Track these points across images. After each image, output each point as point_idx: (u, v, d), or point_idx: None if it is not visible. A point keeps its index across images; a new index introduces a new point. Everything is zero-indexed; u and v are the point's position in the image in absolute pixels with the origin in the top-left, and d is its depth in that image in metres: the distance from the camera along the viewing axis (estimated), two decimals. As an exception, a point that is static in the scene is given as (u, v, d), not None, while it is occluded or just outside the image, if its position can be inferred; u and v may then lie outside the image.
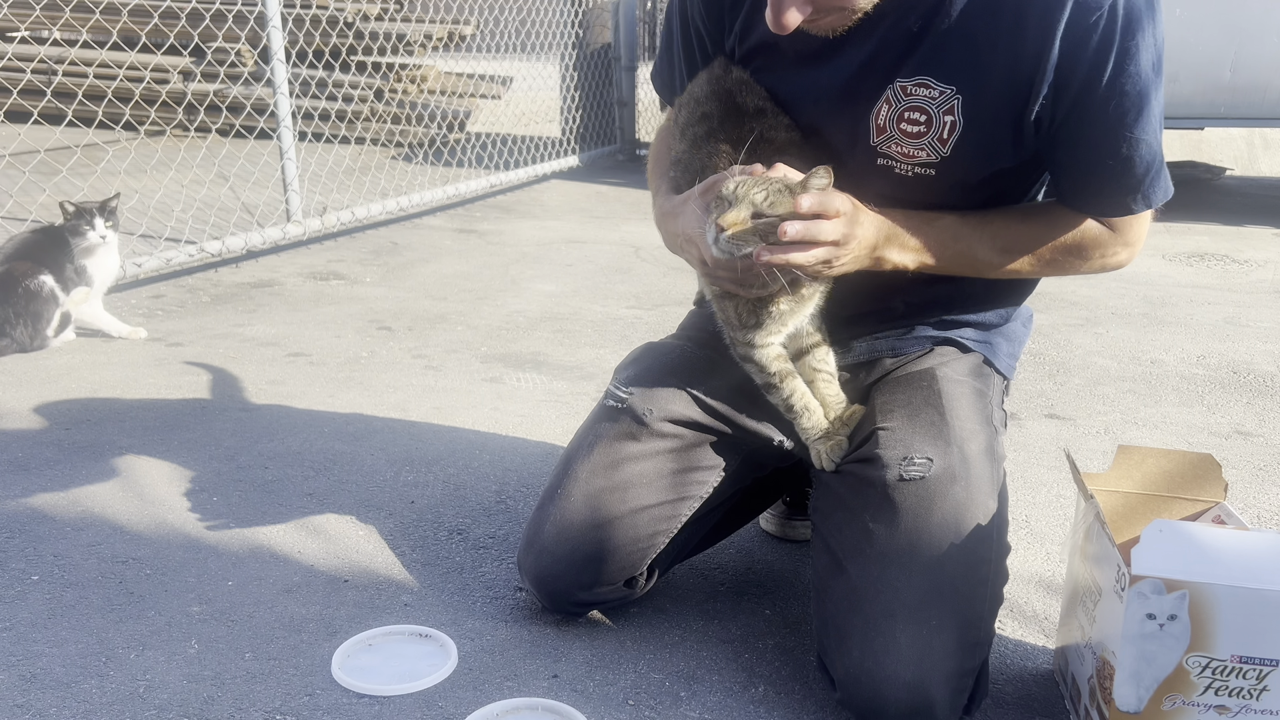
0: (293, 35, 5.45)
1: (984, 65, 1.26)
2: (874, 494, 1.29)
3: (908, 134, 1.31)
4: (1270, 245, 4.14)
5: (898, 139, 1.32)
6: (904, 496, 1.27)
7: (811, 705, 1.35)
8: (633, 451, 1.42)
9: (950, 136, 1.29)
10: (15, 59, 4.44)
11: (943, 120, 1.29)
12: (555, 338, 2.91)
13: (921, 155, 1.31)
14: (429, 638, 1.48)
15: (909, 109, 1.30)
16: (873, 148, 1.33)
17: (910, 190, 1.33)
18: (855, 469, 1.35)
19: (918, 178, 1.33)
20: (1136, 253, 1.42)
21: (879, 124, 1.32)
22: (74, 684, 1.37)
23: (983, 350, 1.49)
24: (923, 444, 1.31)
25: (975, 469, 1.29)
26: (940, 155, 1.31)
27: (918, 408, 1.36)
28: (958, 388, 1.41)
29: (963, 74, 1.27)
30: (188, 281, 3.47)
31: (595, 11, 6.09)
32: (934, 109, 1.29)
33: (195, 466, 2.03)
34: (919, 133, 1.30)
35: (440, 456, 2.10)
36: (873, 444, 1.34)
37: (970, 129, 1.29)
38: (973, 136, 1.29)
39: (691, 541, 1.53)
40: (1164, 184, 1.33)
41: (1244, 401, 2.47)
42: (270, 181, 4.23)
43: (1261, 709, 1.12)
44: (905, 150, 1.32)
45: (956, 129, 1.29)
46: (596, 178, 5.60)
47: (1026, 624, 1.54)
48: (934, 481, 1.27)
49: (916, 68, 1.29)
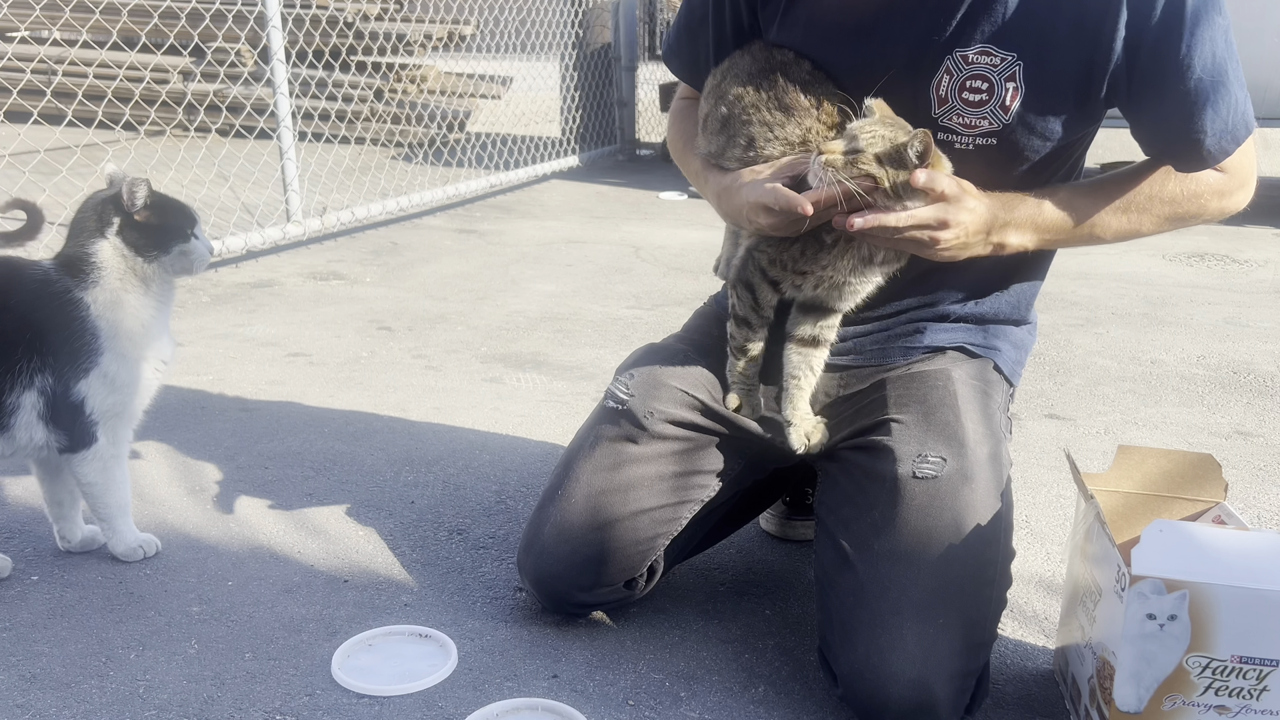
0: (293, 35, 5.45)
1: (1045, 29, 1.26)
2: (884, 489, 1.29)
3: (969, 104, 1.30)
4: (1270, 245, 4.13)
5: (960, 109, 1.31)
6: (915, 494, 1.27)
7: (811, 705, 1.35)
8: (634, 454, 1.42)
9: (1013, 104, 1.29)
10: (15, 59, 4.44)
11: (1004, 87, 1.28)
12: (555, 338, 2.91)
13: (984, 125, 1.31)
14: (429, 638, 1.48)
15: (970, 78, 1.29)
16: (934, 120, 1.32)
17: (970, 164, 1.32)
18: (863, 460, 1.35)
19: (979, 150, 1.32)
20: (1252, 189, 1.38)
21: (940, 95, 1.31)
22: (74, 684, 1.37)
23: (990, 356, 1.49)
24: (937, 443, 1.31)
25: (985, 473, 1.30)
26: (1003, 123, 1.30)
27: (934, 406, 1.37)
28: (969, 390, 1.41)
29: (1024, 39, 1.27)
30: (188, 281, 3.47)
31: (595, 11, 6.09)
32: (996, 76, 1.28)
33: (195, 466, 2.03)
34: (981, 101, 1.30)
35: (440, 456, 2.10)
36: (883, 433, 1.34)
37: (1033, 94, 1.28)
38: (1035, 102, 1.29)
39: (692, 542, 1.53)
40: (1249, 115, 1.31)
41: (1244, 401, 2.46)
42: (270, 181, 4.23)
43: (1261, 709, 1.12)
44: (967, 120, 1.31)
45: (1019, 95, 1.28)
46: (596, 178, 5.60)
47: (1026, 624, 1.54)
48: (946, 482, 1.27)
49: (977, 36, 1.28)
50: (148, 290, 1.58)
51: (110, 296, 1.54)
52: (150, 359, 1.60)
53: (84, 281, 1.53)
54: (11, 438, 1.53)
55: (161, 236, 1.57)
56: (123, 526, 1.65)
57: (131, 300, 1.56)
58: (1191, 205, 1.35)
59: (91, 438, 1.57)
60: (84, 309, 1.53)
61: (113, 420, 1.58)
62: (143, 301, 1.57)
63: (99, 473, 1.59)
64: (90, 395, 1.54)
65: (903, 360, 1.48)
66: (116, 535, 1.65)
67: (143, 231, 1.56)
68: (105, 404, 1.56)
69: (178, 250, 1.59)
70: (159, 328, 1.61)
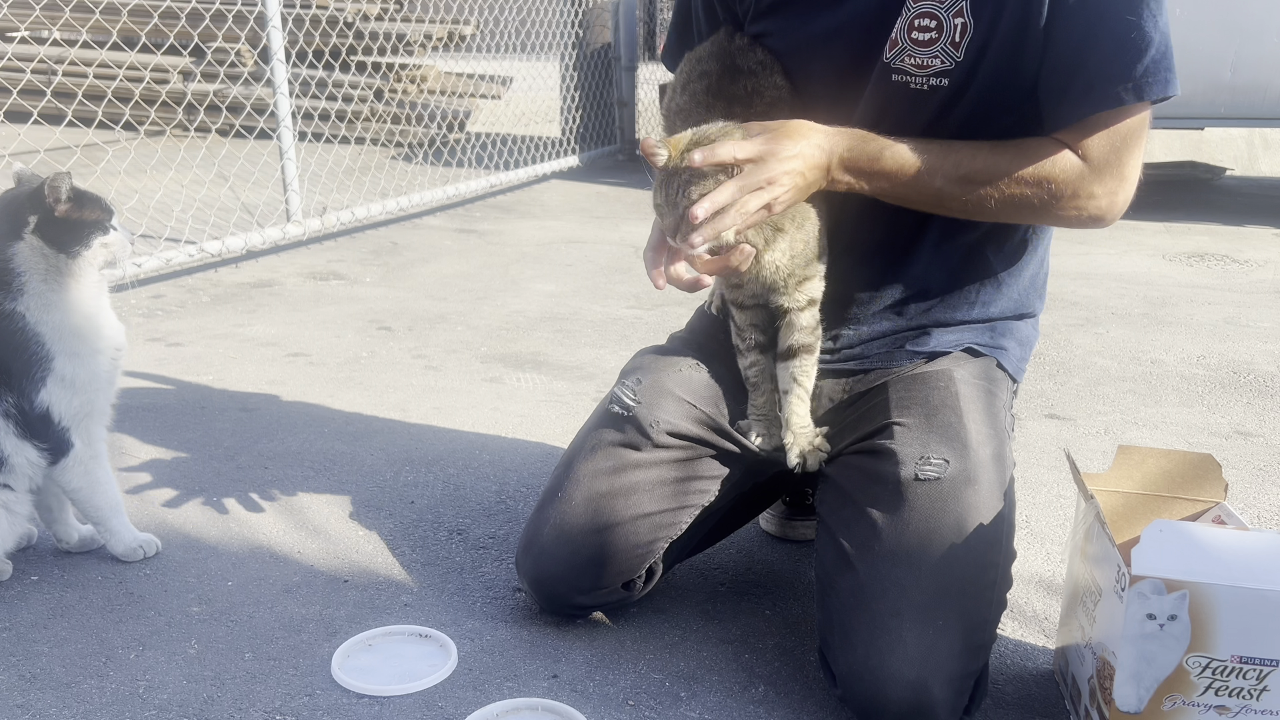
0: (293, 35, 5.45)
1: None
2: (886, 490, 1.29)
3: (919, 43, 1.30)
4: (1270, 245, 4.13)
5: (910, 50, 1.30)
6: (917, 495, 1.27)
7: (811, 705, 1.34)
8: (636, 459, 1.42)
9: (962, 40, 1.28)
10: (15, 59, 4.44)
11: (952, 24, 1.28)
12: (555, 338, 2.91)
13: (935, 64, 1.30)
14: (429, 638, 1.48)
15: (918, 15, 1.29)
16: (886, 64, 1.32)
17: (926, 109, 1.31)
18: (865, 463, 1.35)
19: (933, 91, 1.31)
20: (1118, 205, 1.30)
21: (892, 38, 1.31)
22: (74, 684, 1.37)
23: (995, 355, 1.49)
24: (939, 445, 1.31)
25: (988, 474, 1.30)
26: (954, 60, 1.29)
27: (935, 408, 1.36)
28: (972, 390, 1.41)
29: None
30: (188, 281, 3.47)
31: (595, 11, 6.09)
32: (943, 13, 1.28)
33: (195, 466, 2.03)
34: (930, 40, 1.29)
35: (440, 456, 2.10)
36: (886, 437, 1.34)
37: (980, 31, 1.28)
38: (983, 40, 1.28)
39: (691, 543, 1.53)
40: (1163, 77, 1.23)
41: (1244, 401, 2.46)
42: (270, 181, 4.23)
43: (1261, 709, 1.12)
44: (918, 60, 1.30)
45: (968, 32, 1.28)
46: (596, 178, 5.59)
47: (1026, 624, 1.54)
48: (948, 483, 1.27)
49: None
50: (79, 285, 1.54)
51: (40, 300, 1.51)
52: (103, 350, 1.57)
53: (9, 292, 1.50)
54: (12, 469, 1.53)
55: (81, 230, 1.53)
56: (118, 526, 1.65)
57: (63, 299, 1.53)
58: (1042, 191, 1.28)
59: (67, 444, 1.56)
60: (19, 320, 1.49)
61: (83, 421, 1.57)
62: (76, 297, 1.54)
63: (81, 477, 1.59)
64: (54, 402, 1.52)
65: (909, 364, 1.48)
66: (114, 535, 1.65)
67: (63, 227, 1.51)
68: (71, 407, 1.54)
69: (99, 243, 1.55)
70: (101, 318, 1.57)
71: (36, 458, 1.54)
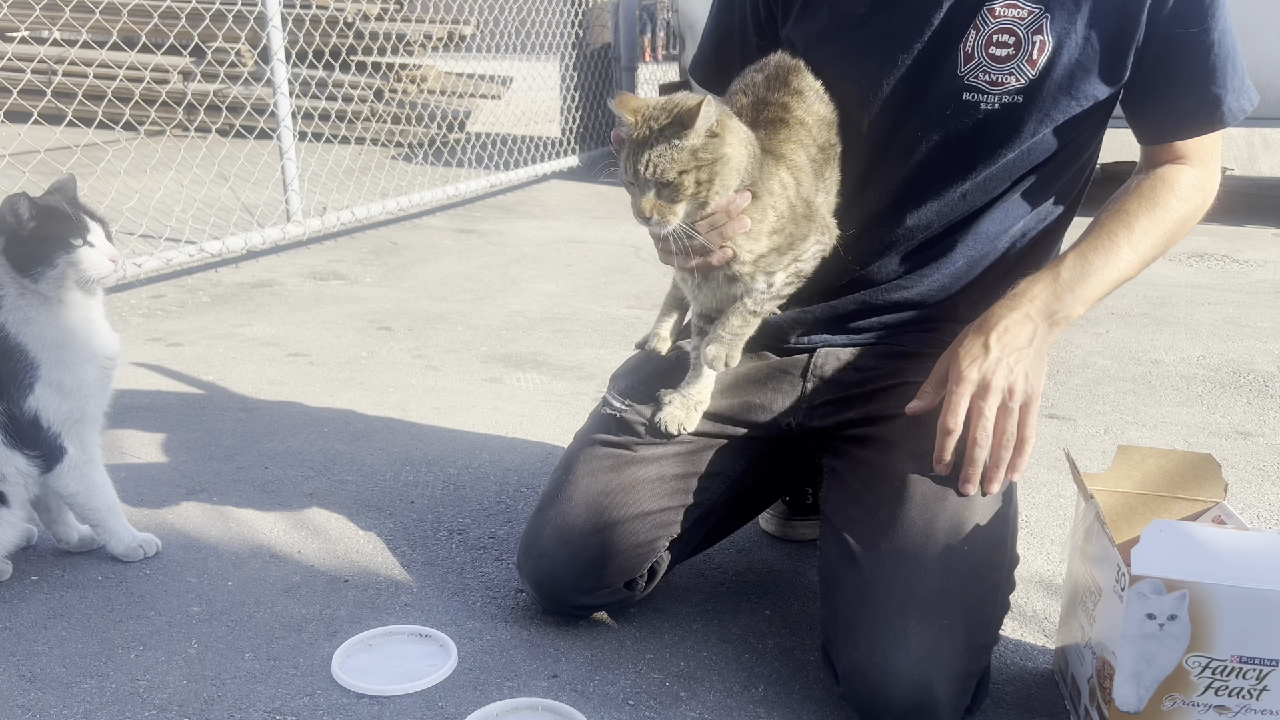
0: (293, 35, 5.45)
1: None
2: (891, 488, 1.29)
3: (996, 59, 1.30)
4: (1270, 245, 4.13)
5: (986, 66, 1.30)
6: (924, 493, 1.27)
7: (811, 705, 1.35)
8: (634, 457, 1.43)
9: (1040, 57, 1.28)
10: (15, 59, 4.44)
11: (1032, 40, 1.28)
12: (555, 338, 2.91)
13: (1010, 82, 1.30)
14: (429, 638, 1.48)
15: (997, 32, 1.29)
16: (960, 79, 1.32)
17: (993, 129, 1.31)
18: (870, 457, 1.35)
19: (1005, 109, 1.32)
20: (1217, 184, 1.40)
21: (966, 51, 1.31)
22: (74, 684, 1.37)
23: None
24: None
25: None
26: (1029, 79, 1.30)
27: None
28: None
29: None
30: (188, 281, 3.47)
31: (595, 11, 6.09)
32: (1023, 30, 1.28)
33: (195, 466, 2.03)
34: (1007, 56, 1.29)
35: (440, 456, 2.10)
36: (891, 430, 1.34)
37: (1060, 49, 1.28)
38: (1063, 57, 1.29)
39: (691, 542, 1.53)
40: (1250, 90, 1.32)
41: (1244, 401, 2.46)
42: (270, 181, 4.23)
43: (1261, 709, 1.12)
44: (994, 78, 1.31)
45: (1046, 49, 1.28)
46: (596, 178, 5.59)
47: (1026, 624, 1.54)
48: (954, 481, 1.27)
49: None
50: (61, 299, 1.51)
51: (19, 315, 1.49)
52: (93, 360, 1.56)
53: None
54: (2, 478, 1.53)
55: (42, 248, 1.47)
56: (117, 527, 1.65)
57: (43, 314, 1.51)
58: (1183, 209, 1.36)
59: (60, 450, 1.55)
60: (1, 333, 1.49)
61: (75, 427, 1.56)
62: (58, 311, 1.51)
63: (78, 481, 1.58)
64: (43, 407, 1.52)
65: (916, 347, 1.47)
66: (113, 537, 1.65)
67: (26, 247, 1.47)
68: (60, 412, 1.53)
69: (63, 261, 1.48)
70: (90, 328, 1.55)
71: (26, 466, 1.54)
